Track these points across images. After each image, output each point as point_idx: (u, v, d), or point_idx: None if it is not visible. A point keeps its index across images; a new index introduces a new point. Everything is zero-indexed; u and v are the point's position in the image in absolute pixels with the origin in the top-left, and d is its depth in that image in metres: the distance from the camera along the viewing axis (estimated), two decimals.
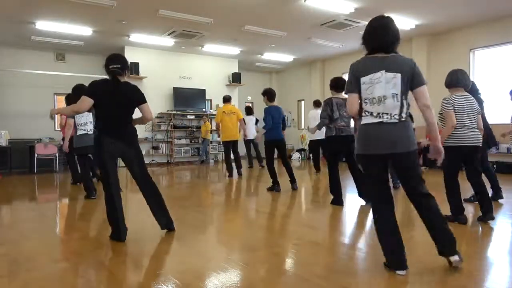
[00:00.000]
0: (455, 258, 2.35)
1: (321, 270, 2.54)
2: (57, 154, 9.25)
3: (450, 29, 9.00)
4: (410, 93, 2.40)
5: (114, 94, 3.21)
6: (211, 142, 11.61)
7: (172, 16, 7.73)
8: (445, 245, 2.38)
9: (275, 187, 5.93)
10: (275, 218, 4.27)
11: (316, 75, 12.93)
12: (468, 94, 3.69)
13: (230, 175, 7.84)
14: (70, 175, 7.36)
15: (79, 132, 5.35)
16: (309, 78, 13.22)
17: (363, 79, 2.38)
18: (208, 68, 12.07)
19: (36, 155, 8.98)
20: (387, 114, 2.33)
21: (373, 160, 2.41)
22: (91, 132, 5.31)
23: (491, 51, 8.64)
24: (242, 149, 10.33)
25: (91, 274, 2.56)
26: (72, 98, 5.29)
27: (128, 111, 3.33)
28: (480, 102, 4.16)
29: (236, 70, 12.62)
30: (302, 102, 14.00)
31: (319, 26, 8.65)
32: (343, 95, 4.63)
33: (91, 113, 5.34)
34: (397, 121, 2.33)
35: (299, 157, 12.89)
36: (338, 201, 4.74)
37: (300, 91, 13.82)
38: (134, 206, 5.03)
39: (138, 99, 3.34)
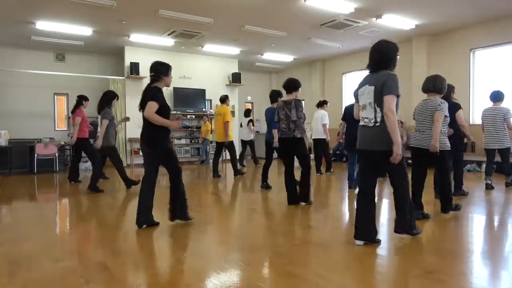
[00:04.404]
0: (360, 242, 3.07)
1: (321, 270, 2.54)
2: (56, 154, 9.23)
3: (450, 29, 8.99)
4: None
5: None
6: (211, 142, 11.58)
7: (172, 16, 7.72)
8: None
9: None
10: (274, 218, 4.27)
11: (316, 75, 12.92)
12: None
13: (213, 175, 7.78)
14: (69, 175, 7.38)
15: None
16: (309, 78, 13.20)
17: (358, 92, 3.13)
18: (208, 68, 12.05)
19: (36, 155, 8.96)
20: (367, 118, 3.02)
21: (360, 153, 3.17)
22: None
23: (491, 51, 8.63)
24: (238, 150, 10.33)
25: (91, 274, 2.56)
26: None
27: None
28: None
29: (236, 70, 12.60)
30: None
31: (319, 26, 8.64)
32: (292, 96, 5.20)
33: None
34: (372, 125, 2.96)
35: None
36: (291, 199, 4.82)
37: (300, 91, 13.78)
38: (134, 206, 4.98)
39: (147, 99, 3.72)
